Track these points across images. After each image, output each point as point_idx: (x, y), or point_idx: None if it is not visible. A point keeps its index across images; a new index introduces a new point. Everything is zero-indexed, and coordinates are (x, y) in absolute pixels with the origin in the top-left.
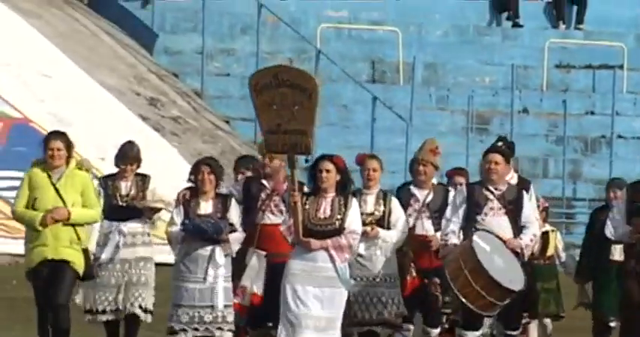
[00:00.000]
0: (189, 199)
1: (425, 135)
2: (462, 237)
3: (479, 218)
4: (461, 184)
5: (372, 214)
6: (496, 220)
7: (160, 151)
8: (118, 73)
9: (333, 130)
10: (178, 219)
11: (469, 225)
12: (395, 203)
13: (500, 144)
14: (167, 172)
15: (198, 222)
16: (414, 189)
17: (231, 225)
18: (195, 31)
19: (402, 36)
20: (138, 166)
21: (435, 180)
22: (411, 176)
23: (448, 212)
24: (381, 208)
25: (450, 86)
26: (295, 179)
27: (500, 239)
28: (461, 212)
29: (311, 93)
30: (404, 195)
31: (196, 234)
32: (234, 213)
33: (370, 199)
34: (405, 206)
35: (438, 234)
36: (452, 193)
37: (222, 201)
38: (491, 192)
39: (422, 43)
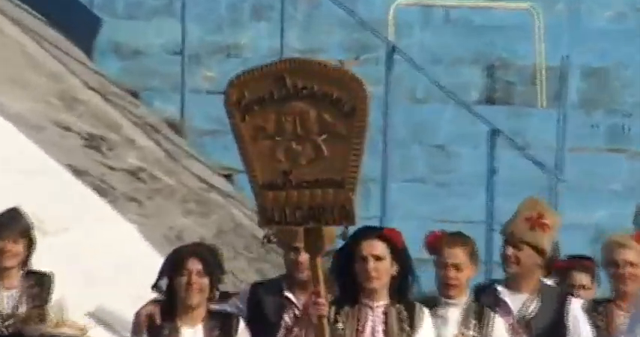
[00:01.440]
0: (159, 324)
1: (585, 198)
2: None
3: None
4: (583, 287)
5: None
6: None
7: (103, 230)
8: (31, 92)
9: (412, 187)
10: None
11: None
12: (499, 325)
13: None
14: (116, 269)
15: None
16: (502, 292)
17: None
18: (169, 14)
19: (542, 19)
20: (27, 257)
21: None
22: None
23: None
24: (471, 333)
25: (630, 109)
26: (321, 274)
27: None
28: None
29: (355, 110)
30: (486, 302)
31: None
32: None
33: (453, 315)
34: None
35: None
36: (574, 304)
37: (222, 325)
38: None
39: (579, 32)
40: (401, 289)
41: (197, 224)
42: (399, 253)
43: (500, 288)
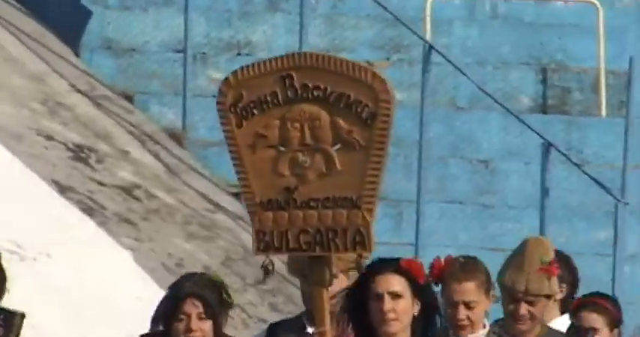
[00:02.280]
0: None
1: None
2: None
3: None
4: (595, 330)
5: None
6: None
7: (91, 256)
8: (9, 95)
9: (451, 210)
10: None
11: None
12: None
13: None
14: (105, 304)
15: None
16: None
17: None
18: (169, 4)
19: (605, 15)
20: None
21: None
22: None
23: None
24: None
25: None
26: (326, 310)
27: None
28: None
29: (376, 116)
30: None
31: None
32: None
33: None
34: None
35: None
36: None
37: None
38: None
39: None
40: (425, 332)
41: (201, 250)
42: (421, 289)
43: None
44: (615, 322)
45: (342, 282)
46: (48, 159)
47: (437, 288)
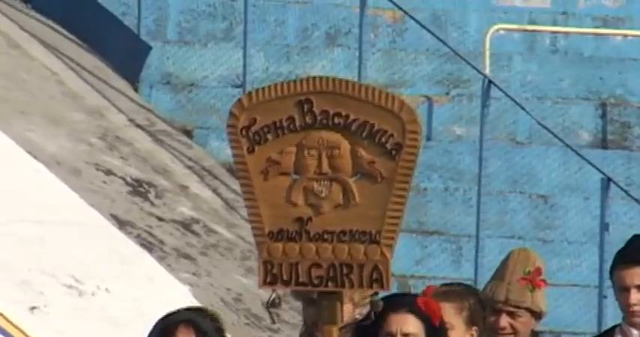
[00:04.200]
0: None
1: None
2: None
3: None
4: None
5: None
6: None
7: (150, 291)
8: (68, 130)
9: (510, 245)
10: None
11: None
12: None
13: None
14: None
15: None
16: None
17: None
18: (228, 40)
19: None
20: None
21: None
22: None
23: None
24: None
25: None
26: None
27: None
28: None
29: (401, 147)
30: None
31: None
32: None
33: None
34: None
35: None
36: None
37: None
38: None
39: None
40: None
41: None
42: (436, 331)
43: None
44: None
45: (348, 312)
46: (107, 193)
47: None
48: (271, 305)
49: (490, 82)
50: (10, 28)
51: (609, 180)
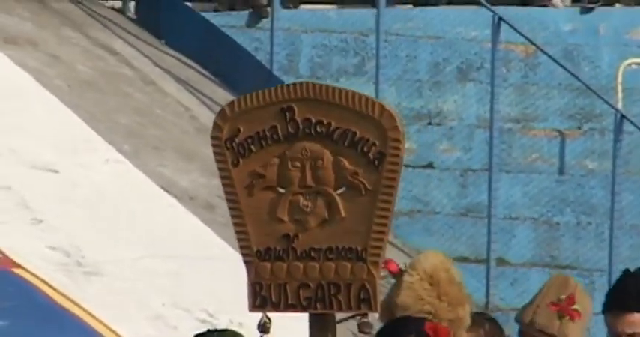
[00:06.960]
0: None
1: None
2: None
3: None
4: None
5: None
6: None
7: (281, 325)
8: (201, 164)
9: None
10: None
11: None
12: None
13: None
14: None
15: None
16: None
17: None
18: (360, 75)
19: None
20: None
21: None
22: None
23: None
24: None
25: None
26: None
27: None
28: None
29: (384, 156)
30: None
31: None
32: None
33: None
34: None
35: None
36: None
37: None
38: None
39: None
40: None
41: None
42: None
43: None
44: None
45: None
46: None
47: None
48: (262, 330)
49: (622, 116)
50: (145, 65)
51: None
